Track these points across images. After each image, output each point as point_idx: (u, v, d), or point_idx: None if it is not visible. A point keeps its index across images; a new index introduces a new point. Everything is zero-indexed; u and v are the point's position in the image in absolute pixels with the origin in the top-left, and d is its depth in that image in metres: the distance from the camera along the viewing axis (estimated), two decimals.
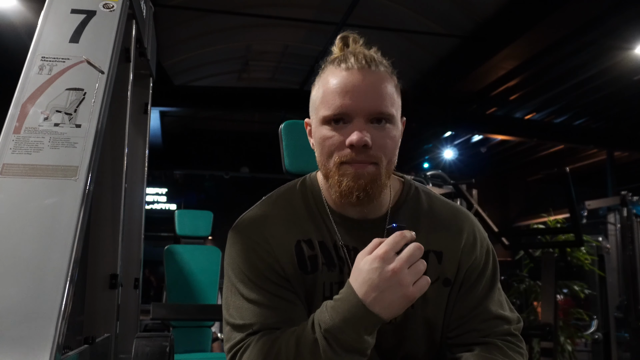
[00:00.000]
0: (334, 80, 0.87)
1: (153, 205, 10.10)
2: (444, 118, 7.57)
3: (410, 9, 5.83)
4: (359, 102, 0.84)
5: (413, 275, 0.76)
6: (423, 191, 1.01)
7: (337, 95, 0.85)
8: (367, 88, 0.85)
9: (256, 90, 7.78)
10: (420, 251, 0.77)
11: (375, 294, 0.75)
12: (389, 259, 0.76)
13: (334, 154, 0.86)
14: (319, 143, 0.89)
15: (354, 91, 0.85)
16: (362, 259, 0.78)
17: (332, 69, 0.89)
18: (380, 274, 0.75)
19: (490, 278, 0.97)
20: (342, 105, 0.85)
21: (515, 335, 0.95)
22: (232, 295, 0.90)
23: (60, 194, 0.96)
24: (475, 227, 1.00)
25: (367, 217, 0.94)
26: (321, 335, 0.78)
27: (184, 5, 5.65)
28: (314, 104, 0.92)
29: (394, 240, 0.77)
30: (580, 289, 4.82)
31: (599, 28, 5.02)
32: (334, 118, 0.86)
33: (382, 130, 0.86)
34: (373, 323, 0.77)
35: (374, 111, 0.85)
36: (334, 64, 0.90)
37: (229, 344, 0.87)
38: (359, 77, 0.85)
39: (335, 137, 0.86)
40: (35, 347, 0.79)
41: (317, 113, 0.89)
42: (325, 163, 0.89)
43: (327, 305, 0.80)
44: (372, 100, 0.85)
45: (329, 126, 0.87)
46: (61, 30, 1.21)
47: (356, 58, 0.87)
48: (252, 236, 0.92)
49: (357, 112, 0.85)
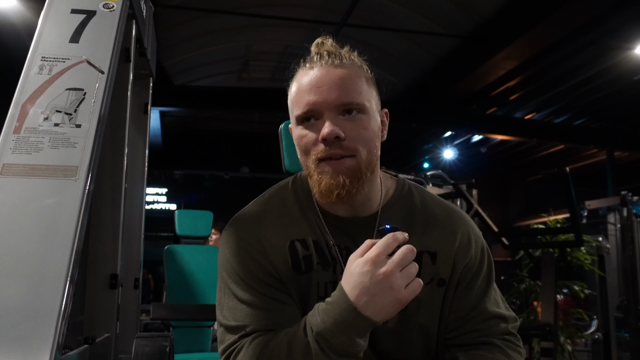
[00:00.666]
0: (300, 81, 0.90)
1: (153, 205, 10.10)
2: (444, 118, 7.58)
3: (410, 9, 5.84)
4: (325, 96, 0.86)
5: (405, 278, 0.75)
6: (417, 190, 1.01)
7: (304, 94, 0.87)
8: (331, 82, 0.86)
9: (256, 90, 7.78)
10: (413, 254, 0.76)
11: (367, 298, 0.75)
12: (380, 262, 0.75)
13: (310, 152, 0.87)
14: (297, 143, 0.91)
15: (319, 86, 0.86)
16: (354, 261, 0.78)
17: (300, 71, 0.92)
18: (372, 278, 0.74)
19: (486, 277, 0.97)
20: (309, 102, 0.86)
21: (513, 334, 0.95)
22: (225, 296, 0.90)
23: (60, 194, 0.96)
24: (470, 227, 0.99)
25: (358, 215, 0.93)
26: (313, 338, 0.78)
27: (184, 5, 5.65)
28: (289, 109, 0.94)
29: (386, 243, 0.76)
30: (580, 289, 4.82)
31: (599, 28, 5.02)
32: (304, 116, 0.88)
33: (355, 121, 0.87)
34: (365, 326, 0.76)
35: (341, 102, 0.86)
36: (302, 65, 0.92)
37: (222, 346, 0.87)
38: (323, 72, 0.87)
39: (309, 134, 0.87)
40: (35, 347, 0.79)
41: (292, 114, 0.92)
42: (305, 162, 0.90)
43: (319, 308, 0.80)
44: (339, 92, 0.86)
45: (302, 125, 0.89)
46: (61, 30, 1.21)
47: (320, 56, 0.90)
48: (245, 237, 0.91)
49: (325, 106, 0.86)
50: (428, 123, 7.77)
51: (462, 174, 8.43)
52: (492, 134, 8.14)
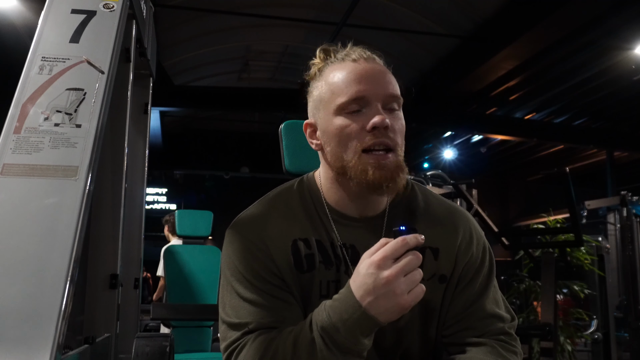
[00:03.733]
0: (343, 72, 0.89)
1: (153, 205, 10.10)
2: (444, 118, 7.58)
3: (410, 9, 5.84)
4: (374, 86, 0.87)
5: (408, 284, 0.75)
6: (420, 189, 1.02)
7: (352, 82, 0.87)
8: (378, 74, 0.89)
9: (256, 90, 7.78)
10: (418, 260, 0.77)
11: (370, 299, 0.75)
12: (384, 266, 0.75)
13: (353, 142, 0.86)
14: (334, 134, 0.88)
15: (368, 77, 0.87)
16: (364, 260, 0.78)
17: (336, 65, 0.91)
18: (375, 281, 0.75)
19: (487, 276, 0.97)
20: (360, 90, 0.86)
21: (510, 334, 0.95)
22: (228, 294, 0.90)
23: (60, 194, 0.96)
24: (472, 225, 1.00)
25: (366, 214, 0.94)
26: (318, 334, 0.78)
27: (184, 5, 5.65)
28: (321, 101, 0.92)
29: (394, 248, 0.76)
30: (580, 289, 4.82)
31: (599, 28, 5.02)
32: (350, 103, 0.87)
33: (395, 116, 0.89)
34: (369, 326, 0.77)
35: (389, 94, 0.88)
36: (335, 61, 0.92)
37: (225, 343, 0.87)
38: (369, 65, 0.89)
39: (353, 124, 0.87)
40: (36, 347, 0.79)
41: (329, 105, 0.89)
42: (342, 154, 0.88)
43: (326, 304, 0.80)
44: (386, 84, 0.88)
45: (343, 115, 0.88)
46: (61, 31, 1.21)
47: (360, 52, 0.91)
48: (248, 236, 0.92)
49: (374, 96, 0.87)
50: (428, 123, 7.77)
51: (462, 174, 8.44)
52: (492, 134, 8.15)
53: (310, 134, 0.96)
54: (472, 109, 7.64)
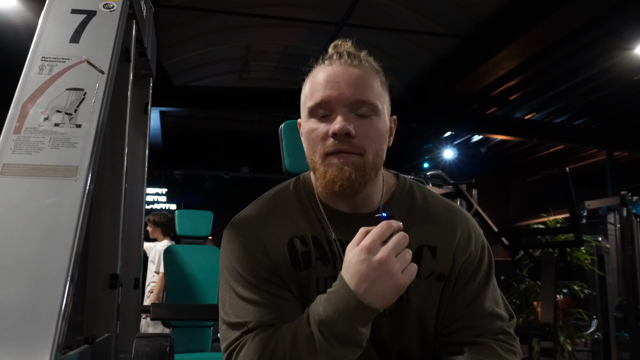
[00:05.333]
0: (318, 75, 0.91)
1: (153, 205, 10.09)
2: (444, 118, 7.57)
3: (410, 9, 5.83)
4: (340, 91, 0.87)
5: (401, 262, 0.76)
6: (418, 188, 1.02)
7: (320, 87, 0.89)
8: (349, 79, 0.88)
9: (256, 90, 7.77)
10: (406, 239, 0.78)
11: (366, 285, 0.76)
12: (375, 249, 0.76)
13: (318, 145, 0.88)
14: (306, 136, 0.92)
15: (335, 81, 0.88)
16: (351, 250, 0.79)
17: (319, 67, 0.93)
18: (369, 265, 0.76)
19: (485, 274, 0.97)
20: (324, 95, 0.88)
21: (509, 333, 0.95)
22: (227, 293, 0.91)
23: (60, 194, 0.96)
24: (470, 224, 1.00)
25: (360, 211, 0.94)
26: (316, 328, 0.79)
27: (184, 5, 5.65)
28: (302, 102, 0.95)
29: (380, 231, 0.77)
30: (580, 289, 4.82)
31: (599, 28, 5.02)
32: (317, 109, 0.88)
33: (366, 121, 0.88)
34: (366, 314, 0.77)
35: (355, 99, 0.87)
36: (320, 62, 0.94)
37: (225, 343, 0.88)
38: (342, 69, 0.89)
39: (320, 128, 0.88)
40: (36, 347, 0.79)
41: (304, 108, 0.93)
42: (312, 156, 0.91)
43: (321, 298, 0.81)
44: (354, 89, 0.87)
45: (314, 118, 0.90)
46: (61, 30, 1.21)
47: (340, 55, 0.91)
48: (245, 235, 0.93)
49: (340, 101, 0.87)
50: (428, 123, 7.77)
51: (462, 174, 8.44)
52: (492, 134, 8.14)
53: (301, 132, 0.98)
54: (472, 109, 7.64)
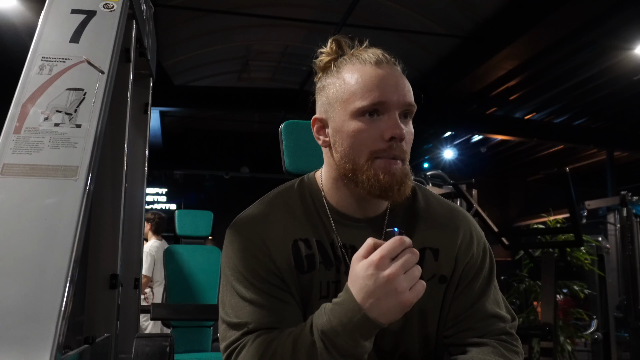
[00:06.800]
0: (365, 74, 0.88)
1: (153, 205, 10.10)
2: (444, 118, 7.57)
3: (410, 9, 5.83)
4: (394, 93, 0.86)
5: (409, 281, 0.75)
6: (420, 189, 1.02)
7: (374, 87, 0.86)
8: (398, 81, 0.88)
9: (256, 90, 7.78)
10: (416, 257, 0.77)
11: (372, 301, 0.75)
12: (383, 266, 0.75)
13: (367, 148, 0.87)
14: (349, 136, 0.88)
15: (389, 83, 0.87)
16: (358, 262, 0.78)
17: (357, 66, 0.89)
18: (376, 281, 0.74)
19: (487, 276, 0.97)
20: (380, 96, 0.86)
21: (511, 334, 0.95)
22: (228, 293, 0.90)
23: (60, 194, 0.96)
24: (472, 226, 1.00)
25: (367, 215, 0.94)
26: (319, 337, 0.78)
27: (184, 5, 5.65)
28: (337, 99, 0.90)
29: (391, 247, 0.76)
30: (580, 289, 4.82)
31: (599, 28, 5.02)
32: (370, 108, 0.86)
33: (408, 126, 0.89)
34: (370, 329, 0.77)
35: (407, 102, 0.88)
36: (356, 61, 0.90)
37: (224, 343, 0.87)
38: (390, 71, 0.88)
39: (370, 130, 0.86)
40: (36, 347, 0.79)
41: (346, 106, 0.88)
42: (354, 157, 0.88)
43: (326, 308, 0.80)
44: (405, 92, 0.88)
45: (360, 119, 0.87)
46: (61, 30, 1.21)
47: (382, 55, 0.90)
48: (248, 236, 0.92)
49: (393, 103, 0.86)
50: (428, 123, 7.76)
51: (462, 174, 8.44)
52: (492, 134, 8.15)
53: (318, 129, 0.95)
54: (472, 109, 7.64)
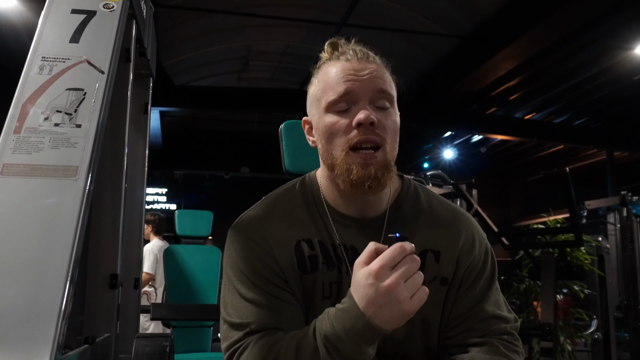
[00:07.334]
0: (335, 70, 0.90)
1: (153, 205, 10.09)
2: (444, 118, 7.58)
3: (410, 9, 5.84)
4: (362, 83, 0.88)
5: (410, 289, 0.74)
6: (422, 190, 1.01)
7: (341, 81, 0.88)
8: (368, 72, 0.89)
9: (256, 90, 7.78)
10: (417, 264, 0.76)
11: (374, 309, 0.74)
12: (383, 275, 0.74)
13: (340, 139, 0.87)
14: (324, 131, 0.90)
15: (356, 75, 0.88)
16: (359, 269, 0.77)
17: (331, 63, 0.92)
18: (376, 290, 0.74)
19: (489, 278, 0.97)
20: (347, 88, 0.87)
21: (512, 334, 0.95)
22: (230, 293, 0.90)
23: (60, 194, 0.96)
24: (474, 228, 0.99)
25: (366, 215, 0.94)
26: (322, 343, 0.78)
27: (184, 5, 5.65)
28: (314, 98, 0.93)
29: (391, 255, 0.74)
30: (580, 289, 4.82)
31: (599, 28, 5.02)
32: (338, 101, 0.88)
33: (384, 112, 0.89)
34: (373, 335, 0.76)
35: (377, 89, 0.88)
36: (332, 59, 0.93)
37: (226, 343, 0.87)
38: (360, 65, 0.90)
39: (341, 121, 0.88)
40: (36, 347, 0.79)
41: (320, 103, 0.91)
42: (331, 152, 0.89)
43: (329, 313, 0.80)
44: (375, 81, 0.88)
45: (333, 113, 0.89)
46: (61, 30, 1.21)
47: (354, 51, 0.92)
48: (251, 236, 0.92)
49: (362, 93, 0.87)
50: (428, 123, 7.77)
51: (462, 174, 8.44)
52: (492, 134, 8.15)
53: (307, 130, 0.97)
54: (472, 109, 7.64)
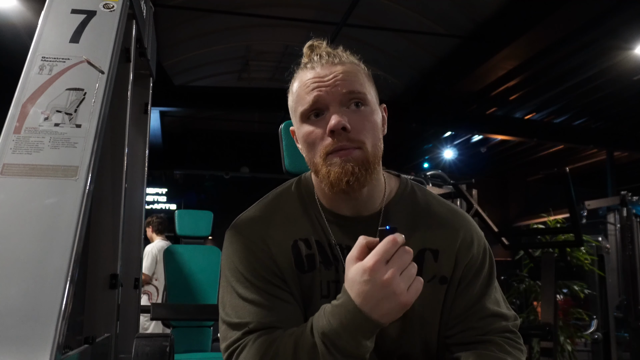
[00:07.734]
0: (303, 79, 0.92)
1: (153, 205, 10.09)
2: (443, 118, 7.57)
3: (410, 9, 5.84)
4: (329, 89, 0.88)
5: (406, 281, 0.75)
6: (420, 190, 1.02)
7: (308, 90, 0.89)
8: (334, 76, 0.89)
9: (256, 90, 7.77)
10: (410, 255, 0.76)
11: (372, 304, 0.74)
12: (379, 271, 0.74)
13: (318, 147, 0.88)
14: (303, 141, 0.91)
15: (322, 82, 0.89)
16: (352, 265, 0.77)
17: (300, 73, 0.94)
18: (373, 286, 0.74)
19: (487, 276, 0.97)
20: (314, 97, 0.88)
21: (514, 332, 0.95)
22: (228, 294, 0.90)
23: (60, 194, 0.96)
24: (472, 226, 1.00)
25: (361, 214, 0.94)
26: (320, 339, 0.78)
27: (184, 5, 5.65)
28: (291, 109, 0.95)
29: (385, 249, 0.74)
30: (580, 289, 4.82)
31: (599, 28, 5.01)
32: (310, 111, 0.89)
33: (359, 113, 0.88)
34: (371, 329, 0.76)
35: (346, 91, 0.88)
36: (301, 69, 0.95)
37: (225, 343, 0.87)
38: (324, 70, 0.90)
39: (316, 130, 0.89)
40: (36, 347, 0.79)
41: (296, 114, 0.93)
42: (312, 159, 0.90)
43: (325, 310, 0.80)
44: (342, 84, 0.88)
45: (308, 122, 0.90)
46: (61, 30, 1.21)
47: (319, 56, 0.92)
48: (249, 236, 0.92)
49: (330, 98, 0.88)
50: (428, 123, 7.77)
51: (462, 174, 8.44)
52: (492, 134, 8.14)
53: (295, 139, 0.99)
54: (472, 109, 7.64)
